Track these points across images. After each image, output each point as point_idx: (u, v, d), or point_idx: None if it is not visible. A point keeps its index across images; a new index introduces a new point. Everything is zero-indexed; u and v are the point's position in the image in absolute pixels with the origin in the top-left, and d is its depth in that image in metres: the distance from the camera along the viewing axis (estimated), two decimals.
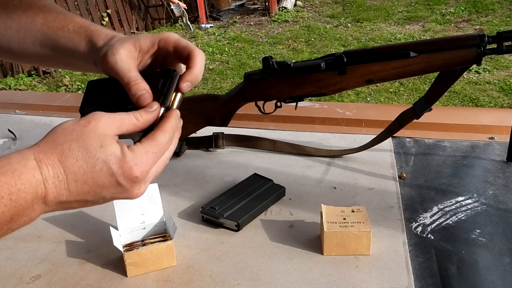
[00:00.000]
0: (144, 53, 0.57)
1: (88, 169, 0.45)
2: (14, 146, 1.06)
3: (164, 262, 0.64)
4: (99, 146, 0.46)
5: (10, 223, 0.43)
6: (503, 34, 0.71)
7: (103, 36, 0.59)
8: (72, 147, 0.45)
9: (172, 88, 0.55)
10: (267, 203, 0.77)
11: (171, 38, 0.57)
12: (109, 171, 0.46)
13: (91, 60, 0.60)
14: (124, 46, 0.55)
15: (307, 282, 0.60)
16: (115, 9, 5.70)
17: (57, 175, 0.44)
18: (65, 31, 0.61)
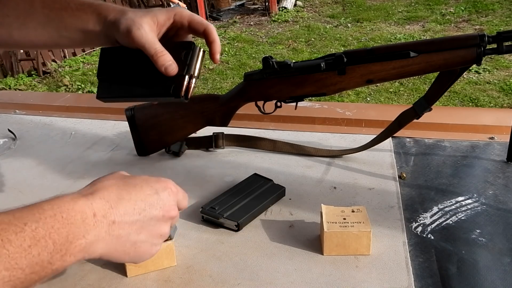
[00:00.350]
0: (161, 26, 0.64)
1: (130, 189, 0.51)
2: (14, 146, 1.06)
3: (164, 262, 0.64)
4: (133, 176, 0.54)
5: (67, 242, 0.44)
6: (503, 34, 0.71)
7: (111, 9, 0.64)
8: (112, 182, 0.51)
9: (194, 58, 0.64)
10: (267, 203, 0.77)
11: (185, 12, 0.65)
12: (149, 186, 0.53)
13: (102, 34, 0.64)
14: (145, 21, 0.61)
15: (307, 282, 0.60)
16: None
17: (102, 198, 0.49)
18: (69, 10, 0.64)
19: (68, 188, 0.87)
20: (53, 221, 0.44)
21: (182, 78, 0.62)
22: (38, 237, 0.42)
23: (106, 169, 0.93)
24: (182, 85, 0.62)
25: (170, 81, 0.63)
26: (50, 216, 0.44)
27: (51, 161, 0.98)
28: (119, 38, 0.63)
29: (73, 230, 0.45)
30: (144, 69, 0.64)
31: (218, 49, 0.65)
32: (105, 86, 0.68)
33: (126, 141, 1.04)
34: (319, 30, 5.35)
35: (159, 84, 0.64)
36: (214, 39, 0.65)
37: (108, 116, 1.17)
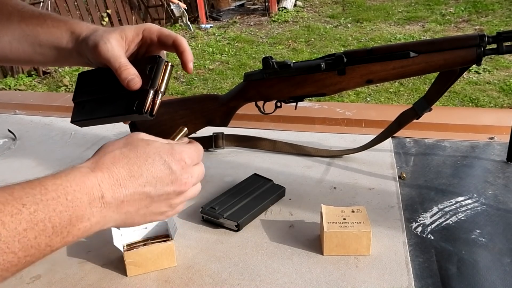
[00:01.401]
0: (130, 42, 0.62)
1: (141, 163, 0.48)
2: (14, 146, 1.06)
3: (164, 262, 0.64)
4: (147, 144, 0.50)
5: (69, 225, 0.43)
6: (503, 34, 0.71)
7: (85, 27, 0.63)
8: (122, 151, 0.48)
9: (159, 72, 0.60)
10: (267, 203, 0.77)
11: (153, 27, 0.63)
12: (161, 159, 0.49)
13: (74, 51, 0.63)
14: (113, 36, 0.60)
15: (307, 282, 0.60)
16: (115, 9, 5.70)
17: (111, 175, 0.46)
18: (45, 26, 0.64)
19: None
20: (56, 203, 0.42)
21: (146, 92, 0.59)
22: (36, 220, 0.40)
23: None
24: (146, 101, 0.59)
25: (134, 97, 0.60)
26: (53, 198, 0.42)
27: (51, 161, 0.98)
28: (88, 55, 0.62)
29: (77, 213, 0.43)
30: (113, 88, 0.61)
31: (190, 58, 0.63)
32: (78, 109, 0.66)
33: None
34: (319, 30, 5.35)
35: (125, 101, 0.60)
36: (184, 48, 0.62)
37: None
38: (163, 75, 0.60)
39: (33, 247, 0.40)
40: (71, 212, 0.42)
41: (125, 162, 0.47)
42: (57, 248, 0.43)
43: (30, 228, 0.39)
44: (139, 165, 0.48)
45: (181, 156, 0.51)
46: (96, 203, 0.45)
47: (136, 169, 0.47)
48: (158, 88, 0.60)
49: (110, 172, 0.46)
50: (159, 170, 0.49)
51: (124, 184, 0.46)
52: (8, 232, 0.38)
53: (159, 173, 0.49)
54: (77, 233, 0.44)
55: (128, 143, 0.49)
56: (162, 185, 0.49)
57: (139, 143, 0.50)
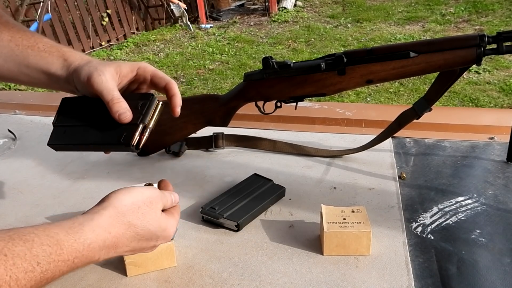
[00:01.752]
0: (123, 77, 0.64)
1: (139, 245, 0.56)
2: (14, 146, 1.06)
3: (164, 263, 0.64)
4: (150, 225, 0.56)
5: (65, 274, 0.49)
6: (503, 34, 0.71)
7: (78, 57, 0.65)
8: (133, 232, 0.54)
9: (150, 109, 0.62)
10: (267, 203, 0.77)
11: (148, 68, 0.66)
12: (157, 241, 0.57)
13: (62, 78, 0.64)
14: (108, 69, 0.62)
15: (307, 282, 0.60)
16: (115, 9, 5.69)
17: (115, 253, 0.53)
18: (35, 49, 0.65)
19: (68, 188, 0.87)
20: (64, 266, 0.47)
21: (135, 127, 0.60)
22: (43, 278, 0.45)
23: (106, 169, 0.93)
24: (134, 134, 0.60)
25: (123, 129, 0.61)
26: (64, 261, 0.47)
27: (51, 161, 0.98)
28: (78, 85, 0.63)
29: (75, 269, 0.49)
30: (100, 118, 0.62)
31: (179, 103, 0.65)
32: (57, 133, 0.66)
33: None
34: (319, 30, 5.35)
35: (112, 132, 0.62)
36: (174, 93, 0.65)
37: None
38: (153, 112, 0.62)
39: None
40: (71, 269, 0.48)
41: (129, 248, 0.55)
42: None
43: (35, 285, 0.44)
44: (134, 248, 0.55)
45: (170, 233, 0.58)
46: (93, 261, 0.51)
47: (131, 249, 0.55)
48: (147, 124, 0.61)
49: (116, 251, 0.53)
50: (149, 248, 0.58)
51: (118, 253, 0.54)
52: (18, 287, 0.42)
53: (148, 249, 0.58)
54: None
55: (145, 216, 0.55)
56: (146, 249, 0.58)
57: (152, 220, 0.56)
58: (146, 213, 0.55)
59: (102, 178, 0.90)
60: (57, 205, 0.81)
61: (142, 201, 0.55)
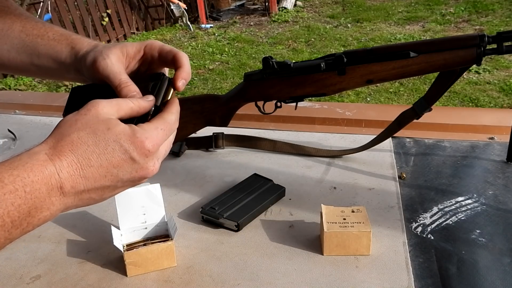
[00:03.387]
0: (131, 58, 0.60)
1: (100, 151, 0.45)
2: (14, 146, 1.06)
3: (164, 263, 0.64)
4: (107, 128, 0.46)
5: (29, 217, 0.42)
6: (503, 34, 0.71)
7: (86, 43, 0.61)
8: (80, 135, 0.45)
9: (162, 90, 0.57)
10: (267, 203, 0.77)
11: (155, 44, 0.60)
12: (122, 148, 0.46)
13: (72, 67, 0.62)
14: (113, 52, 0.57)
15: (307, 282, 0.60)
16: (115, 9, 5.70)
17: (70, 165, 0.44)
18: (45, 38, 0.63)
19: None
20: (14, 197, 0.40)
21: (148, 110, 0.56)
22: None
23: None
24: (146, 118, 0.55)
25: None
26: (11, 192, 0.40)
27: None
28: (86, 72, 0.59)
29: (36, 205, 0.42)
30: None
31: (184, 76, 0.57)
32: None
33: None
34: (319, 30, 5.35)
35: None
36: (182, 64, 0.57)
37: None
38: (166, 93, 0.58)
39: None
40: (30, 204, 0.41)
41: (83, 149, 0.45)
42: (16, 237, 0.42)
43: None
44: (98, 154, 0.45)
45: (143, 145, 0.47)
46: (55, 192, 0.43)
47: (95, 158, 0.45)
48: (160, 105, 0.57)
49: (68, 161, 0.44)
50: (119, 159, 0.46)
51: (84, 174, 0.44)
52: None
53: (120, 163, 0.46)
54: (37, 223, 0.43)
55: (86, 125, 0.46)
56: (124, 173, 0.47)
57: (98, 127, 0.46)
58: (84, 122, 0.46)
59: None
60: None
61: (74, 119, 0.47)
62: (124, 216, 0.67)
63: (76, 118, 0.47)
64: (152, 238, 0.68)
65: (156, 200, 0.68)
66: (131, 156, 0.46)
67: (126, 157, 0.46)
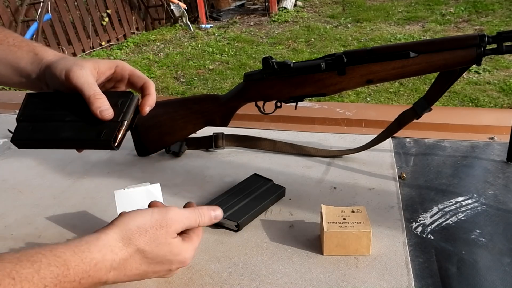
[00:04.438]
0: (102, 74, 0.63)
1: (155, 245, 0.54)
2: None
3: None
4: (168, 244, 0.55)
5: None
6: (503, 34, 0.71)
7: (51, 52, 0.63)
8: (145, 251, 0.53)
9: (131, 107, 0.61)
10: (267, 203, 0.77)
11: (126, 66, 0.65)
12: (172, 248, 0.55)
13: (33, 74, 0.63)
14: (87, 65, 0.60)
15: (307, 282, 0.60)
16: (115, 9, 5.69)
17: (122, 277, 0.52)
18: (5, 43, 0.63)
19: (68, 188, 0.87)
20: (70, 286, 0.46)
21: (116, 124, 0.59)
22: None
23: (106, 169, 0.93)
24: (114, 131, 0.59)
25: (102, 126, 0.59)
26: (70, 282, 0.46)
27: (51, 161, 0.98)
28: (51, 81, 0.61)
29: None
30: (74, 114, 0.61)
31: (150, 103, 0.64)
32: (24, 127, 0.64)
33: (126, 141, 1.02)
34: (319, 30, 5.34)
35: (89, 128, 0.60)
36: (150, 93, 0.64)
37: None
38: (133, 111, 0.62)
39: None
40: None
41: (138, 272, 0.54)
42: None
43: None
44: (146, 271, 0.54)
45: (190, 251, 0.57)
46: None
47: (143, 273, 0.54)
48: (128, 121, 0.61)
49: (122, 274, 0.52)
50: (163, 274, 0.57)
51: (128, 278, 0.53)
52: None
53: (161, 274, 0.57)
54: None
55: (152, 242, 0.54)
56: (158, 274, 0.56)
57: (162, 244, 0.54)
58: (154, 237, 0.53)
59: (102, 178, 0.90)
60: (57, 205, 0.81)
61: (150, 225, 0.53)
62: None
63: (146, 229, 0.54)
64: None
65: (157, 200, 0.68)
66: (171, 270, 0.57)
67: (166, 272, 0.57)
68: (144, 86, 0.64)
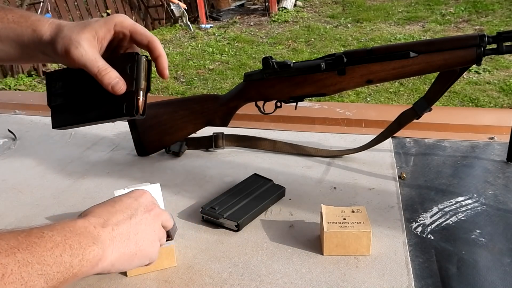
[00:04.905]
0: (102, 40, 0.59)
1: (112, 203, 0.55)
2: (14, 146, 1.06)
3: (164, 262, 0.64)
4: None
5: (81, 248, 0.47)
6: (503, 34, 0.71)
7: (47, 25, 0.60)
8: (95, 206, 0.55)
9: (141, 71, 0.59)
10: (267, 203, 0.76)
11: (126, 22, 0.60)
12: (125, 196, 0.57)
13: (38, 50, 0.61)
14: (83, 37, 0.57)
15: (307, 282, 0.60)
16: (115, 9, 5.70)
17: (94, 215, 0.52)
18: (5, 21, 0.61)
19: (68, 188, 0.87)
20: (64, 231, 0.46)
21: (132, 94, 0.58)
22: (57, 241, 0.45)
23: (106, 169, 0.93)
24: (134, 102, 0.57)
25: (121, 99, 0.58)
26: (61, 228, 0.47)
27: (51, 161, 0.98)
28: (58, 60, 0.60)
29: (82, 239, 0.47)
30: (94, 90, 0.59)
31: (165, 64, 0.61)
32: (58, 114, 0.64)
33: (126, 141, 1.04)
34: (319, 30, 5.35)
35: (111, 104, 0.59)
36: (160, 53, 0.61)
37: None
38: (145, 73, 0.59)
39: (61, 264, 0.44)
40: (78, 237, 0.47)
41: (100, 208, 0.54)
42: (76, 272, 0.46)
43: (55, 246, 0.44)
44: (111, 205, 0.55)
45: (141, 192, 0.59)
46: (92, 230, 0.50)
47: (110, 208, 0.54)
48: (143, 87, 0.59)
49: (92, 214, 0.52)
50: (128, 203, 0.56)
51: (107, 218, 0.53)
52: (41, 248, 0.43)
53: (130, 205, 0.56)
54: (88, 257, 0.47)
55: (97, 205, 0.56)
56: (137, 212, 0.55)
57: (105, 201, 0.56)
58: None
59: (102, 178, 0.90)
60: (57, 205, 0.81)
61: None
62: None
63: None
64: None
65: (157, 200, 0.68)
66: (135, 198, 0.57)
67: (131, 200, 0.57)
68: (150, 46, 0.61)
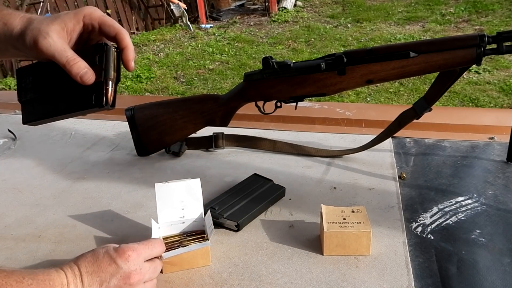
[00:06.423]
0: (71, 31, 0.59)
1: (94, 260, 0.55)
2: (14, 146, 1.06)
3: (200, 262, 0.64)
4: (102, 247, 0.57)
5: None
6: (503, 34, 0.71)
7: (18, 19, 0.59)
8: (85, 254, 0.56)
9: (110, 61, 0.58)
10: (267, 203, 0.76)
11: (95, 14, 0.60)
12: (109, 256, 0.55)
13: (9, 45, 0.60)
14: (52, 28, 0.57)
15: (307, 282, 0.60)
16: (115, 9, 5.70)
17: (74, 273, 0.54)
18: None
19: (68, 188, 0.87)
20: (44, 284, 0.50)
21: (101, 84, 0.57)
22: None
23: (106, 169, 0.93)
24: (103, 93, 0.57)
25: (90, 90, 0.58)
26: (41, 281, 0.50)
27: (51, 161, 0.98)
28: (28, 53, 0.59)
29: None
30: (63, 82, 0.59)
31: (132, 56, 0.60)
32: (28, 109, 0.63)
33: (126, 141, 1.04)
34: (319, 30, 5.34)
35: (80, 95, 0.58)
36: (126, 45, 0.60)
37: (108, 117, 1.18)
38: (114, 63, 0.59)
39: None
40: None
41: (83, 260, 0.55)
42: None
43: None
44: (92, 263, 0.55)
45: (124, 251, 0.56)
46: None
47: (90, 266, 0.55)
48: (112, 77, 0.58)
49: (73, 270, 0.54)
50: (106, 264, 0.55)
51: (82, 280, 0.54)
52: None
53: (107, 267, 0.55)
54: None
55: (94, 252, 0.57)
56: (111, 278, 0.54)
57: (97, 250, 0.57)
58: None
59: (102, 178, 0.90)
60: (57, 205, 0.81)
61: None
62: (163, 210, 0.67)
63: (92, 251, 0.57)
64: (189, 232, 0.68)
65: (196, 195, 0.68)
66: (114, 261, 0.55)
67: (111, 261, 0.55)
68: (117, 37, 0.60)
